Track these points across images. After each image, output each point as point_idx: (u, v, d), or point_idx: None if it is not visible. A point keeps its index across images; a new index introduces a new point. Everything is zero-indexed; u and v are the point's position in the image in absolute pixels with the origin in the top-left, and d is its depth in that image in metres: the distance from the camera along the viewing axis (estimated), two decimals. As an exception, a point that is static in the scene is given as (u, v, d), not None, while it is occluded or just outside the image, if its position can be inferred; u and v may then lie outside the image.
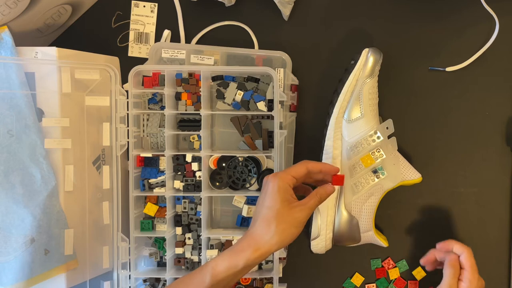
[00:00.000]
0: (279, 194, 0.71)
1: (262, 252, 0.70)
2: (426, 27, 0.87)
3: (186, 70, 0.85)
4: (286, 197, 0.72)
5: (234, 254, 0.70)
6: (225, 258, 0.70)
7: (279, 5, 0.85)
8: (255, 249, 0.70)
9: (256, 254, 0.70)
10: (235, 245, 0.71)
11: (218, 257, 0.71)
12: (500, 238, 0.87)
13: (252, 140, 0.86)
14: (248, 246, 0.70)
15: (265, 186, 0.73)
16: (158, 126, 0.86)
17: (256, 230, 0.71)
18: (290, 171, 0.73)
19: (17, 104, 0.75)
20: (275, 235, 0.70)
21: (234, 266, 0.69)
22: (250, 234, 0.71)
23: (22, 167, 0.75)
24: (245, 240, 0.71)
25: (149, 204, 0.86)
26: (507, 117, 0.87)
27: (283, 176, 0.72)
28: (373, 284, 0.88)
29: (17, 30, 0.79)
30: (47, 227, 0.76)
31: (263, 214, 0.71)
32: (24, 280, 0.74)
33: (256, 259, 0.70)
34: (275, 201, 0.71)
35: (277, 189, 0.71)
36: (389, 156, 0.81)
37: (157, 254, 0.87)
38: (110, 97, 0.82)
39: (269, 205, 0.71)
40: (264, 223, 0.71)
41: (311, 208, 0.73)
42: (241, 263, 0.69)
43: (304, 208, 0.72)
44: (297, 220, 0.71)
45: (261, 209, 0.72)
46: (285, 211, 0.71)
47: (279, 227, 0.70)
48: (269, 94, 0.84)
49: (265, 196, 0.72)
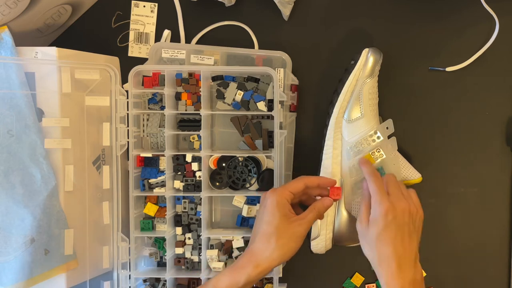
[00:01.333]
0: (278, 209, 0.72)
1: (263, 268, 0.70)
2: (426, 27, 0.87)
3: (186, 70, 0.85)
4: (284, 212, 0.72)
5: (235, 271, 0.70)
6: (227, 275, 0.71)
7: (279, 5, 0.85)
8: (255, 265, 0.70)
9: (257, 271, 0.70)
10: (236, 262, 0.72)
11: (220, 274, 0.71)
12: (500, 238, 0.87)
13: (252, 140, 0.86)
14: (248, 263, 0.70)
15: (263, 202, 0.74)
16: (158, 126, 0.86)
17: (256, 246, 0.71)
18: (287, 187, 0.74)
19: (17, 104, 0.75)
20: (275, 250, 0.70)
21: (235, 283, 0.70)
22: (250, 250, 0.72)
23: (22, 167, 0.75)
24: (246, 256, 0.71)
25: (149, 204, 0.86)
26: (507, 117, 0.87)
27: (281, 191, 0.73)
28: (373, 284, 0.88)
29: (17, 30, 0.79)
30: (47, 227, 0.76)
31: (263, 229, 0.72)
32: (24, 280, 0.74)
33: (257, 275, 0.70)
34: (273, 216, 0.71)
35: (276, 204, 0.72)
36: (389, 156, 0.81)
37: (157, 254, 0.87)
38: (110, 97, 0.82)
39: (268, 221, 0.71)
40: (263, 238, 0.71)
41: (310, 222, 0.73)
42: (242, 279, 0.70)
43: (302, 222, 0.72)
44: (296, 235, 0.72)
45: (260, 225, 0.72)
46: (284, 226, 0.71)
47: (279, 242, 0.70)
48: (269, 94, 0.84)
49: (264, 212, 0.73)
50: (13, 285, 0.74)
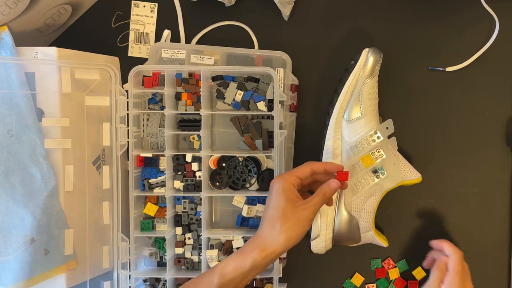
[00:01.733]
0: (284, 194, 0.72)
1: (269, 252, 0.71)
2: (426, 27, 0.87)
3: (186, 70, 0.85)
4: (290, 196, 0.72)
5: (242, 255, 0.71)
6: (233, 259, 0.71)
7: (279, 5, 0.85)
8: (261, 249, 0.71)
9: (263, 254, 0.71)
10: (243, 247, 0.73)
11: (226, 259, 0.72)
12: (500, 238, 0.87)
13: (252, 140, 0.86)
14: (255, 247, 0.71)
15: (271, 189, 0.74)
16: (158, 126, 0.86)
17: (263, 231, 0.72)
18: (294, 172, 0.75)
19: (17, 104, 0.75)
20: (280, 234, 0.71)
21: (241, 266, 0.70)
22: (257, 235, 0.73)
23: (22, 167, 0.75)
24: (252, 241, 0.72)
25: (149, 204, 0.86)
26: (507, 117, 0.87)
27: (287, 177, 0.74)
28: (373, 284, 0.88)
29: (17, 30, 0.79)
30: (47, 227, 0.76)
31: (269, 214, 0.72)
32: (24, 280, 0.74)
33: (263, 259, 0.71)
34: (279, 201, 0.72)
35: (282, 189, 0.72)
36: (389, 156, 0.81)
37: (157, 254, 0.87)
38: (110, 97, 0.82)
39: (274, 205, 0.72)
40: (270, 223, 0.72)
41: (316, 205, 0.73)
42: (248, 263, 0.70)
43: (308, 206, 0.73)
44: (302, 218, 0.72)
45: (267, 210, 0.73)
46: (290, 210, 0.72)
47: (284, 226, 0.71)
48: (269, 94, 0.84)
49: (271, 197, 0.73)
50: (13, 285, 0.74)
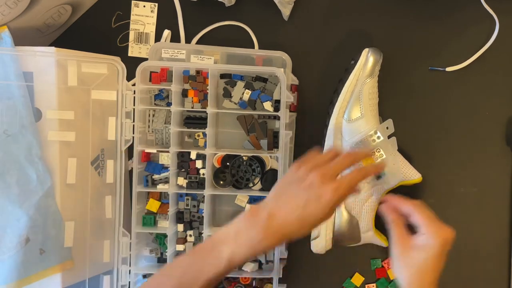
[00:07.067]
0: None
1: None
2: (426, 27, 0.87)
3: (194, 68, 0.84)
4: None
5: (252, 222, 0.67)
6: (244, 251, 0.66)
7: (279, 5, 0.85)
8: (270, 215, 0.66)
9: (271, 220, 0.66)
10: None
11: (238, 247, 0.66)
12: (500, 238, 0.87)
13: (257, 139, 0.86)
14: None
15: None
16: (164, 123, 0.86)
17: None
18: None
19: (14, 104, 0.75)
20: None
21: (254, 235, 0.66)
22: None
23: (18, 167, 0.75)
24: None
25: (151, 200, 0.86)
26: (507, 117, 0.87)
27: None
28: (373, 284, 0.88)
29: (17, 30, 0.79)
30: (42, 227, 0.76)
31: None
32: (18, 280, 0.74)
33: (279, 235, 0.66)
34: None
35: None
36: (389, 156, 0.81)
37: (158, 250, 0.87)
38: (117, 92, 0.82)
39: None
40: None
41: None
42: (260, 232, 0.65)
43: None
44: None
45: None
46: None
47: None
48: (276, 94, 0.84)
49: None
50: (7, 284, 0.73)
